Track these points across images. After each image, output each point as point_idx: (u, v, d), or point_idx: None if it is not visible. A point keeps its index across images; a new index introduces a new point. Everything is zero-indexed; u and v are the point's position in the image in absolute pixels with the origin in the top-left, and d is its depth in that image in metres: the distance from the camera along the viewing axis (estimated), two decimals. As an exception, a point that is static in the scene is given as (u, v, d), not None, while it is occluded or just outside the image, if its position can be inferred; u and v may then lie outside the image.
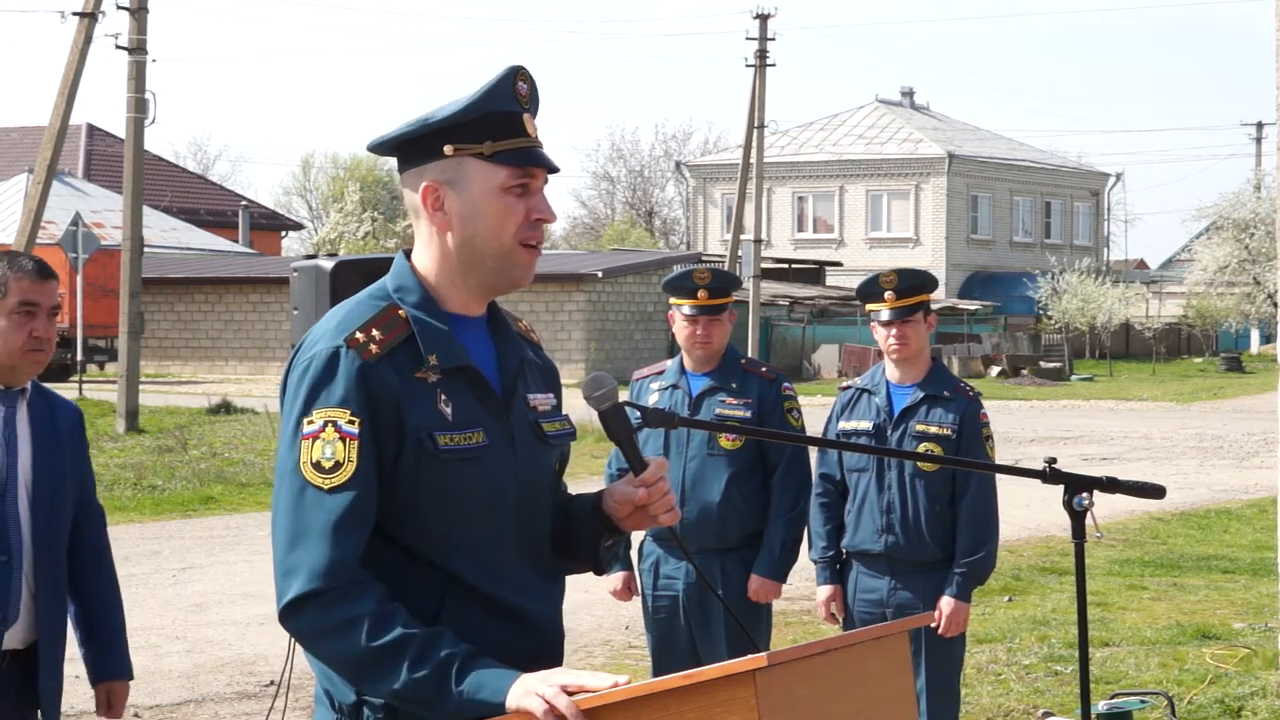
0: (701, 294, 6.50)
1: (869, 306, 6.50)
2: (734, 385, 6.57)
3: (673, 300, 6.62)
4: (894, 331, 6.39)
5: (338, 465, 3.05)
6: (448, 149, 3.18)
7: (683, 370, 6.65)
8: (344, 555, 3.03)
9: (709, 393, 6.57)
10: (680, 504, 6.39)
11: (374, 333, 3.12)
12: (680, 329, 6.57)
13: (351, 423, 3.06)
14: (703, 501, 6.49)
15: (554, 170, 3.25)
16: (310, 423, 3.07)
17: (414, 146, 3.22)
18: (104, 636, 4.99)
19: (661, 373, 6.75)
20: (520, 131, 3.20)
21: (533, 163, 3.20)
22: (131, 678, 5.08)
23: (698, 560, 6.48)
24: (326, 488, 3.04)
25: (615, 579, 6.72)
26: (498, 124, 3.18)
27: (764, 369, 6.71)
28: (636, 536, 6.29)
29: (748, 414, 6.50)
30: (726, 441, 6.52)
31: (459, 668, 2.99)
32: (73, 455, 4.85)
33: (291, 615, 3.04)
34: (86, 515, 4.93)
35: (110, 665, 4.99)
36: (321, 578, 3.01)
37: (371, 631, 2.99)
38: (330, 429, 3.06)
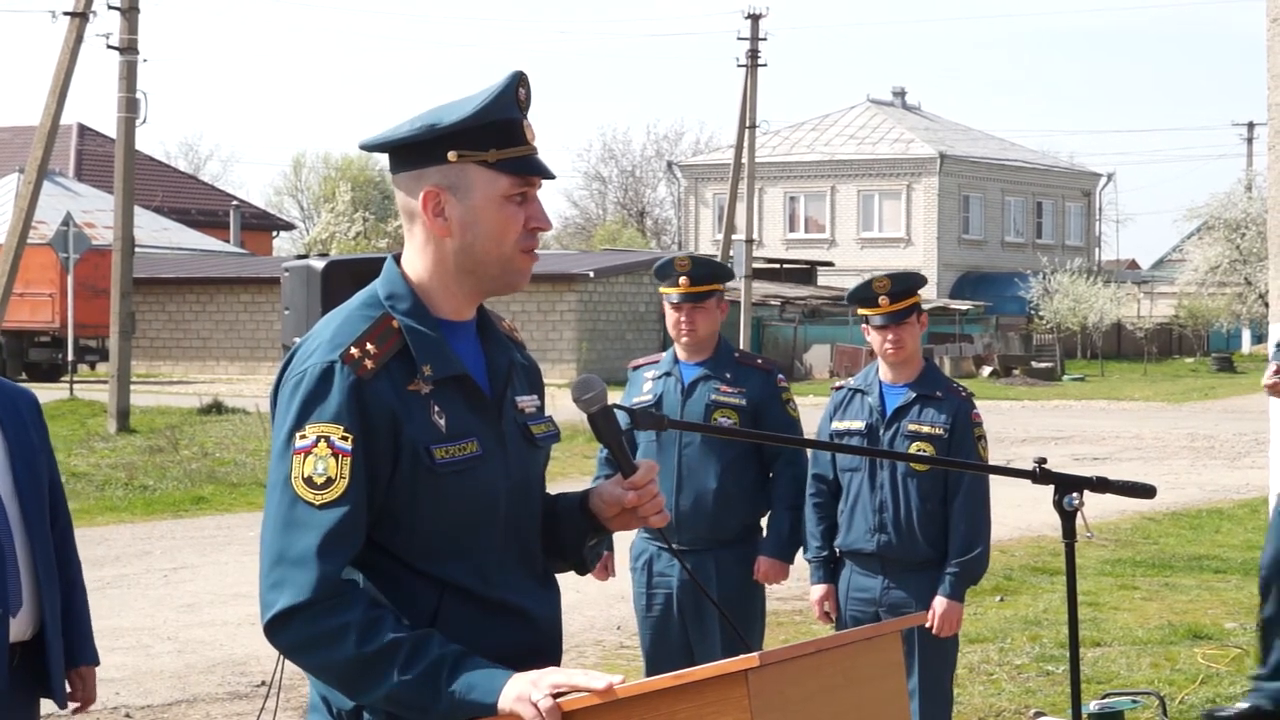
0: (683, 281, 6.53)
1: (862, 311, 6.52)
2: (728, 375, 6.59)
3: (660, 289, 6.69)
4: (890, 336, 6.41)
5: (330, 481, 3.03)
6: (451, 155, 3.16)
7: (676, 360, 6.68)
8: (332, 570, 3.01)
9: (702, 380, 6.60)
10: (675, 493, 6.46)
11: (369, 347, 3.10)
12: (667, 316, 6.65)
13: (345, 439, 3.04)
14: (697, 491, 6.51)
15: (551, 177, 3.24)
16: (303, 437, 3.06)
17: (414, 149, 3.19)
18: (75, 622, 4.98)
19: (657, 362, 6.80)
20: (522, 139, 3.18)
21: (533, 171, 3.19)
22: (99, 663, 5.08)
23: (691, 554, 6.50)
24: (318, 503, 3.03)
25: None
26: (501, 131, 3.16)
27: (758, 361, 6.76)
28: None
29: (743, 402, 6.53)
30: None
31: (450, 669, 2.98)
32: (39, 438, 4.87)
33: (277, 629, 3.03)
34: (57, 499, 4.94)
35: (82, 651, 4.99)
36: (308, 590, 3.00)
37: (360, 639, 2.98)
38: (323, 444, 3.05)
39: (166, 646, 10.29)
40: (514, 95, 3.18)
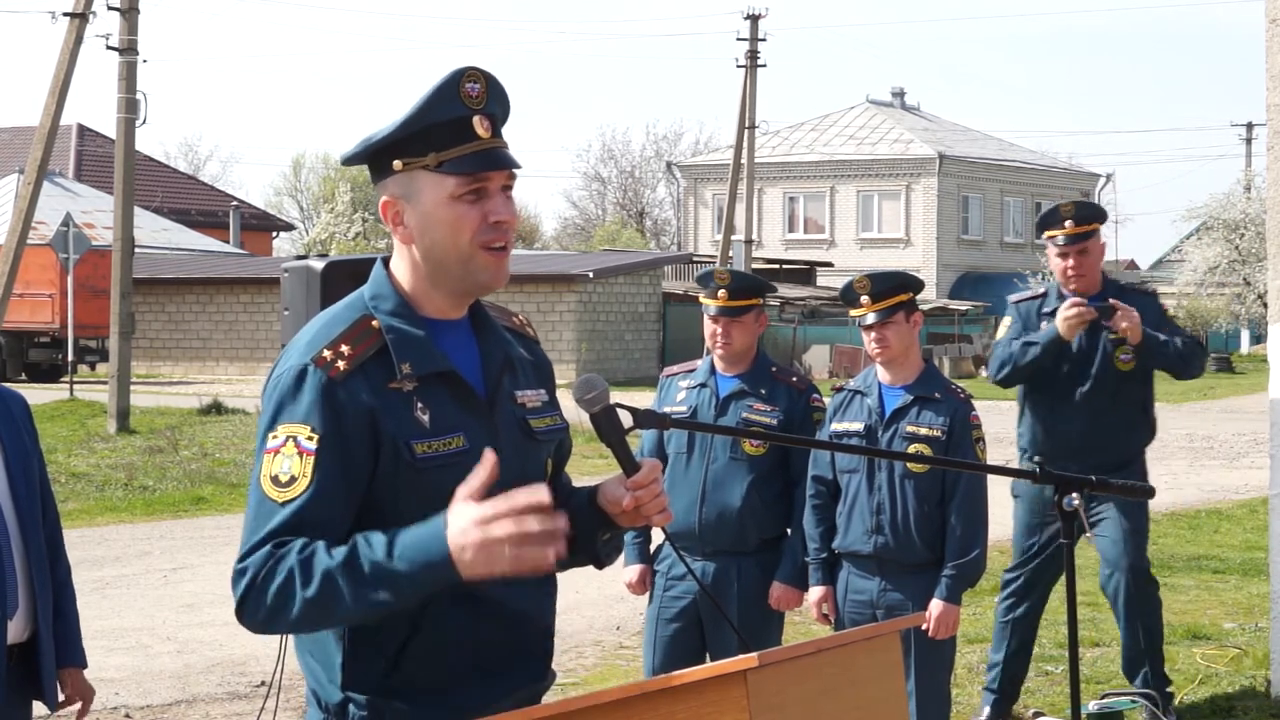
0: (722, 294, 6.52)
1: (851, 312, 6.55)
2: (763, 391, 6.58)
3: (700, 299, 6.68)
4: (873, 335, 6.43)
5: (293, 480, 3.08)
6: (396, 164, 3.18)
7: (712, 370, 6.67)
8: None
9: (737, 395, 6.58)
10: (700, 504, 6.47)
11: (343, 348, 3.14)
12: (705, 327, 6.62)
13: (310, 439, 3.08)
14: (723, 504, 6.51)
15: (510, 168, 3.20)
16: (274, 437, 3.11)
17: (370, 162, 3.23)
18: (65, 624, 4.98)
19: (692, 371, 6.77)
20: (469, 136, 3.16)
21: (483, 167, 3.16)
22: (86, 665, 5.08)
23: (716, 561, 6.54)
24: (280, 500, 3.07)
25: (632, 571, 6.75)
26: (442, 133, 3.15)
27: (794, 379, 6.72)
28: (657, 532, 6.30)
29: (774, 422, 6.50)
30: (750, 447, 6.55)
31: (386, 557, 2.98)
32: (30, 440, 4.88)
33: (241, 613, 3.08)
34: (46, 500, 4.95)
35: (71, 653, 4.99)
36: (255, 571, 3.05)
37: (303, 583, 3.00)
38: (290, 444, 3.09)
39: (166, 646, 10.29)
40: (455, 93, 3.16)
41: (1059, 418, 8.02)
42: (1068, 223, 8.00)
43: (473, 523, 2.94)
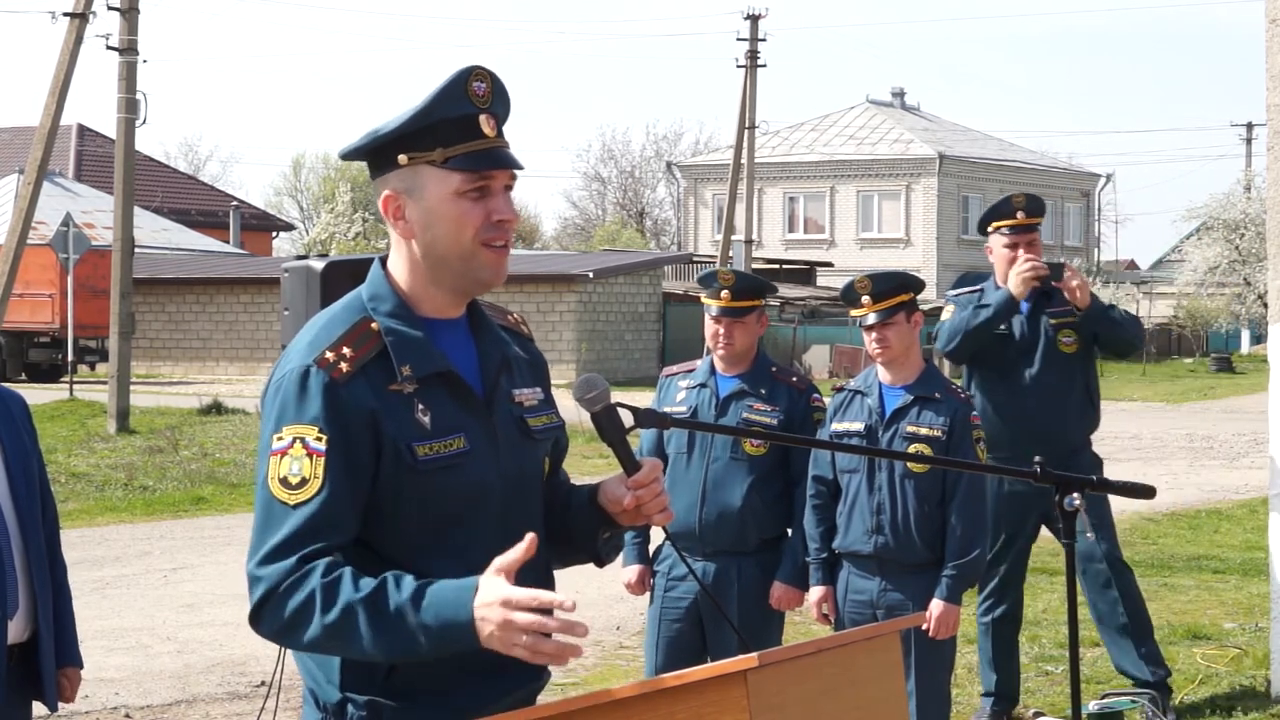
0: (725, 294, 6.51)
1: (852, 312, 6.56)
2: (763, 391, 6.57)
3: (701, 299, 6.67)
4: (874, 335, 6.43)
5: (304, 481, 3.07)
6: (402, 158, 3.18)
7: (712, 370, 6.66)
8: (301, 560, 3.05)
9: (738, 395, 6.57)
10: (700, 505, 6.47)
11: (344, 350, 3.14)
12: (706, 327, 6.61)
13: (319, 439, 3.08)
14: (723, 505, 6.50)
15: (514, 168, 3.22)
16: (279, 439, 3.10)
17: (373, 157, 3.23)
18: (60, 624, 4.97)
19: (692, 371, 6.76)
20: (475, 134, 3.17)
21: (488, 165, 3.18)
22: (83, 666, 5.08)
23: (716, 561, 6.53)
24: (292, 503, 3.07)
25: (631, 571, 6.74)
26: (450, 129, 3.16)
27: (794, 379, 6.71)
28: (656, 533, 6.29)
29: (774, 422, 6.49)
30: (750, 447, 6.54)
31: (412, 605, 2.97)
32: (30, 440, 4.88)
33: (255, 623, 3.09)
34: (46, 500, 4.95)
35: (67, 653, 4.99)
36: (274, 581, 3.04)
37: (323, 608, 3.00)
38: (298, 445, 3.09)
39: (166, 646, 10.29)
40: (463, 90, 3.18)
41: (1010, 403, 8.06)
42: (1020, 214, 8.27)
43: (500, 601, 2.93)
